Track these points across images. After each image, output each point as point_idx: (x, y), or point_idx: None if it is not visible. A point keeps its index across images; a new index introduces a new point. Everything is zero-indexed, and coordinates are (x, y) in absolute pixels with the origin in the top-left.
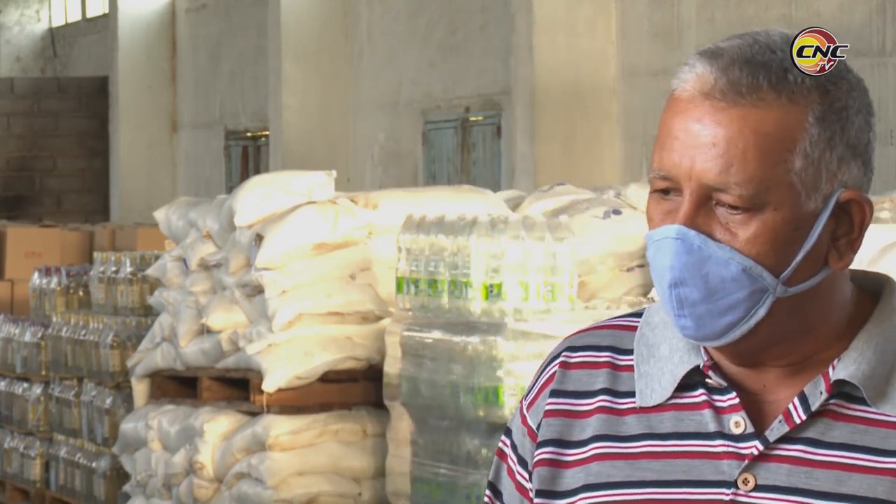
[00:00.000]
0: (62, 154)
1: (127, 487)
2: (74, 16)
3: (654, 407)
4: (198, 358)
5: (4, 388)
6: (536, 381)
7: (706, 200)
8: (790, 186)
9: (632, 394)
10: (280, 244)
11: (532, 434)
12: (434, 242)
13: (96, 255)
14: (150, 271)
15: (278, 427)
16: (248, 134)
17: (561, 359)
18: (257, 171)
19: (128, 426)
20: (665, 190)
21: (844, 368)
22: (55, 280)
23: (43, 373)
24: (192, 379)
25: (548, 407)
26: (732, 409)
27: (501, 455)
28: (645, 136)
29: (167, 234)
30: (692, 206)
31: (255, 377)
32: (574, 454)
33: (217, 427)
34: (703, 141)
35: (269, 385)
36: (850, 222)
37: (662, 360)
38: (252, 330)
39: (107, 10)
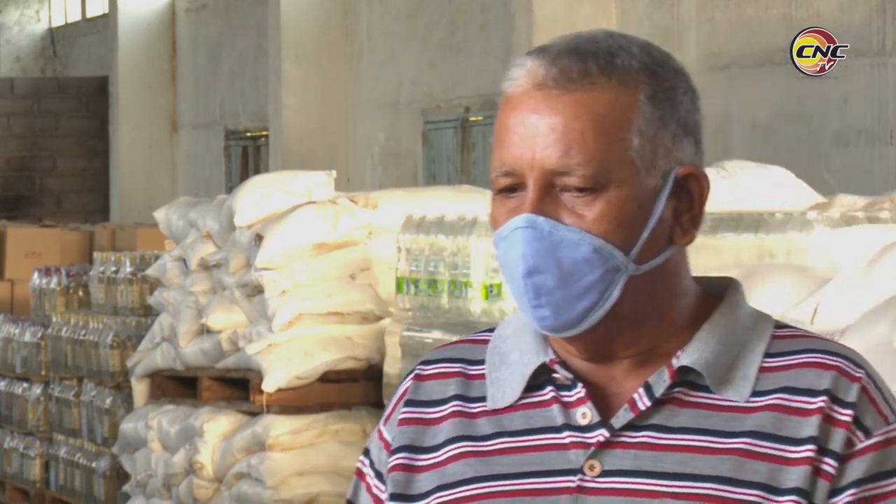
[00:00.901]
0: (62, 154)
1: (127, 487)
2: (74, 16)
3: (504, 408)
4: (198, 358)
5: (4, 388)
6: (393, 397)
7: (550, 188)
8: (630, 164)
9: (483, 399)
10: (280, 244)
11: (387, 446)
12: (434, 242)
13: (96, 255)
14: (149, 271)
15: (278, 427)
16: (248, 134)
17: (415, 373)
18: (257, 171)
19: (128, 426)
20: (509, 188)
21: (688, 357)
22: (55, 280)
23: (43, 373)
24: (191, 379)
25: (401, 416)
26: (579, 401)
27: (360, 474)
28: None
29: (167, 234)
30: (538, 194)
31: (255, 377)
32: (427, 459)
33: (217, 427)
34: (542, 129)
35: (269, 385)
36: (691, 198)
37: (513, 365)
38: (252, 330)
39: (107, 10)
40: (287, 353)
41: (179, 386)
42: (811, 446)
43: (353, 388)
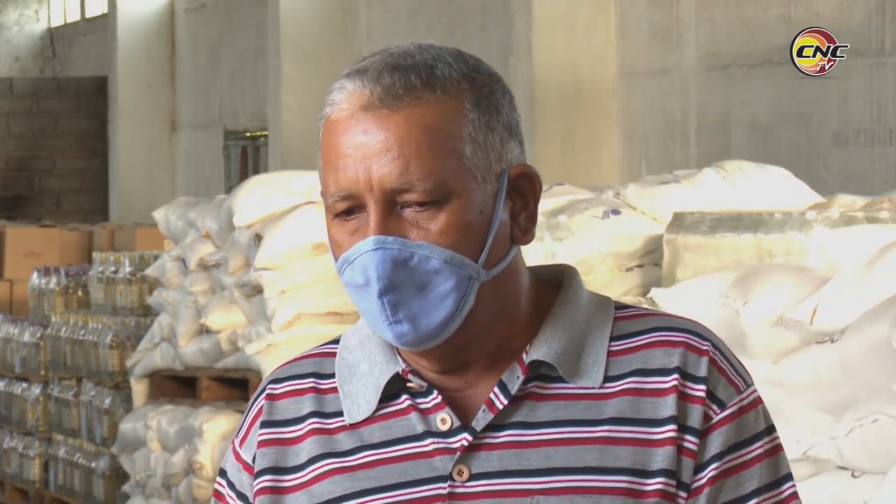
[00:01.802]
0: (61, 154)
1: (126, 487)
2: (73, 16)
3: (362, 421)
4: (197, 358)
5: (3, 388)
6: (245, 418)
7: (392, 206)
8: (466, 172)
9: (339, 413)
10: (279, 244)
11: (248, 468)
12: None
13: (95, 255)
14: (149, 271)
15: None
16: (248, 134)
17: (266, 392)
18: (256, 171)
19: (127, 426)
20: (347, 211)
21: (537, 350)
22: (54, 280)
23: (42, 373)
24: (191, 379)
25: (260, 438)
26: (437, 407)
27: (219, 496)
28: (644, 136)
29: (166, 234)
30: (381, 214)
31: (255, 377)
32: (293, 479)
33: (216, 427)
34: (376, 149)
35: None
36: (524, 198)
37: (364, 376)
38: (251, 330)
39: (106, 10)
40: (286, 353)
41: (179, 386)
42: (672, 426)
43: None
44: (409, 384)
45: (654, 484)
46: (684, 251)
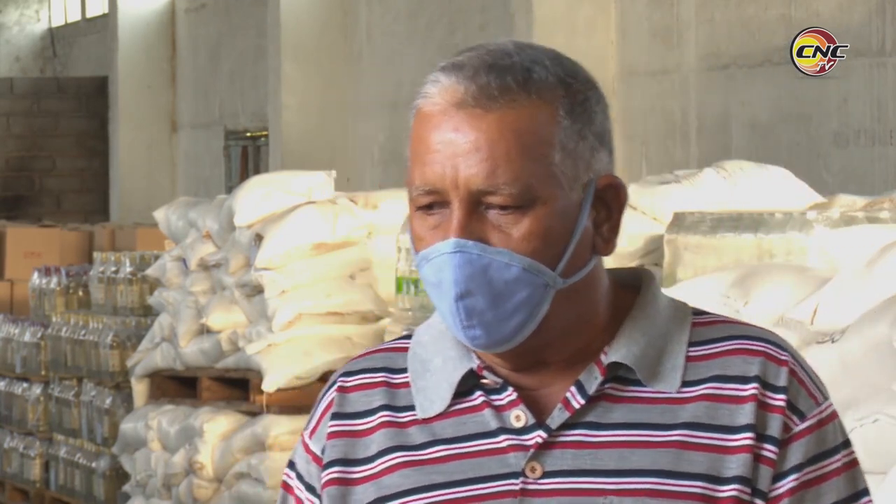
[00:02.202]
0: (62, 154)
1: (127, 487)
2: (74, 16)
3: (435, 417)
4: (197, 358)
5: (4, 388)
6: (315, 410)
7: (476, 207)
8: (554, 179)
9: (411, 408)
10: (280, 244)
11: (317, 459)
12: None
13: (96, 255)
14: (149, 271)
15: (278, 427)
16: (248, 134)
17: (337, 384)
18: (257, 172)
19: (127, 426)
20: (429, 205)
21: (616, 352)
22: (55, 280)
23: (43, 373)
24: (191, 379)
25: (330, 430)
26: (511, 404)
27: (287, 487)
28: (644, 135)
29: (167, 234)
30: (464, 215)
31: (255, 377)
32: (362, 471)
33: (217, 427)
34: (465, 148)
35: (269, 385)
36: (609, 208)
37: (437, 372)
38: (252, 330)
39: (106, 10)
40: (287, 353)
41: (179, 386)
42: (749, 434)
43: None
44: (483, 381)
45: (728, 490)
46: (685, 251)
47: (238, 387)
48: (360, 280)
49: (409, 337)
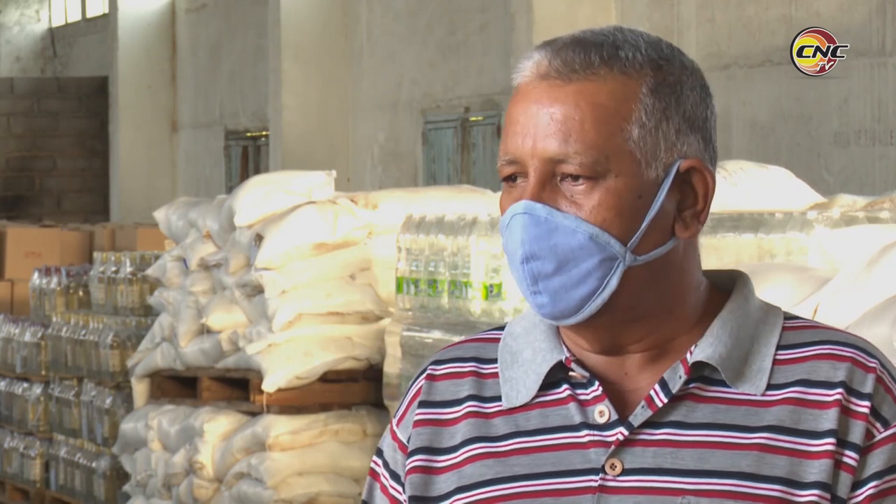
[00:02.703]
0: (62, 154)
1: (127, 487)
2: (74, 16)
3: (520, 407)
4: (198, 358)
5: (4, 388)
6: (405, 398)
7: (551, 177)
8: (630, 155)
9: (498, 398)
10: (280, 244)
11: (402, 447)
12: (434, 242)
13: (96, 255)
14: (149, 271)
15: (278, 427)
16: (248, 134)
17: (427, 372)
18: (257, 171)
19: (128, 426)
20: (513, 177)
21: (702, 351)
22: (55, 280)
23: (43, 373)
24: (192, 379)
25: (417, 418)
26: (596, 399)
27: (374, 475)
28: None
29: (167, 234)
30: (537, 182)
31: (255, 377)
32: (445, 460)
33: (217, 427)
34: (543, 119)
35: (269, 385)
36: (695, 194)
37: (526, 363)
38: (252, 330)
39: (107, 10)
40: (287, 353)
41: (179, 386)
42: (831, 439)
43: (353, 389)
44: (571, 373)
45: (808, 496)
46: None
47: (238, 387)
48: (360, 280)
49: (502, 328)
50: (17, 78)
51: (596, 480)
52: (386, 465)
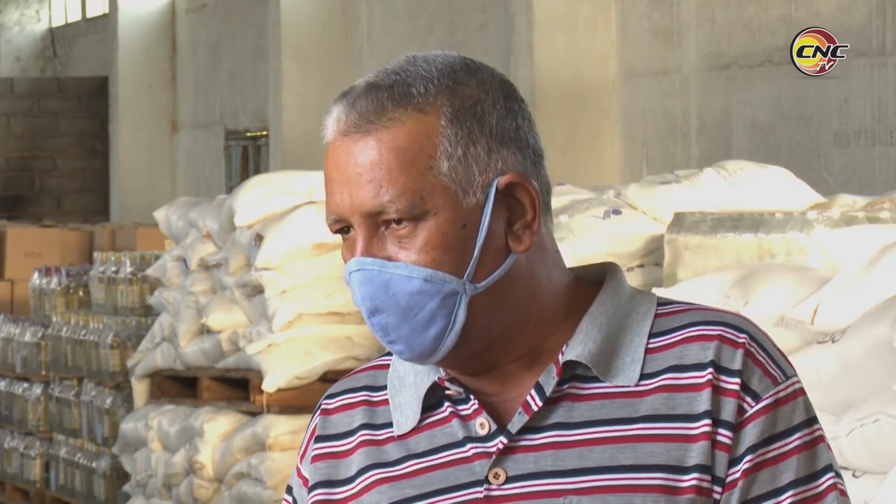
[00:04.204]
0: (62, 154)
1: (127, 487)
2: (74, 16)
3: (409, 432)
4: (198, 358)
5: (4, 388)
6: (305, 435)
7: (376, 227)
8: (444, 189)
9: (389, 424)
10: (280, 244)
11: (306, 483)
12: None
13: (96, 255)
14: (150, 271)
15: (278, 427)
16: (248, 134)
17: (322, 407)
18: (257, 171)
19: (128, 426)
20: (345, 230)
21: (572, 350)
22: (55, 280)
23: (43, 373)
24: (192, 379)
25: (314, 453)
26: (475, 413)
27: None
28: (645, 135)
29: (167, 234)
30: (365, 237)
31: (255, 377)
32: (344, 492)
33: (217, 427)
34: (352, 173)
35: (269, 385)
36: (522, 206)
37: (410, 387)
38: (252, 330)
39: (107, 10)
40: (287, 353)
41: (179, 386)
42: (707, 420)
43: None
44: (447, 391)
45: (690, 480)
46: (685, 251)
47: (238, 387)
48: None
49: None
50: (17, 78)
51: (481, 492)
52: (295, 502)
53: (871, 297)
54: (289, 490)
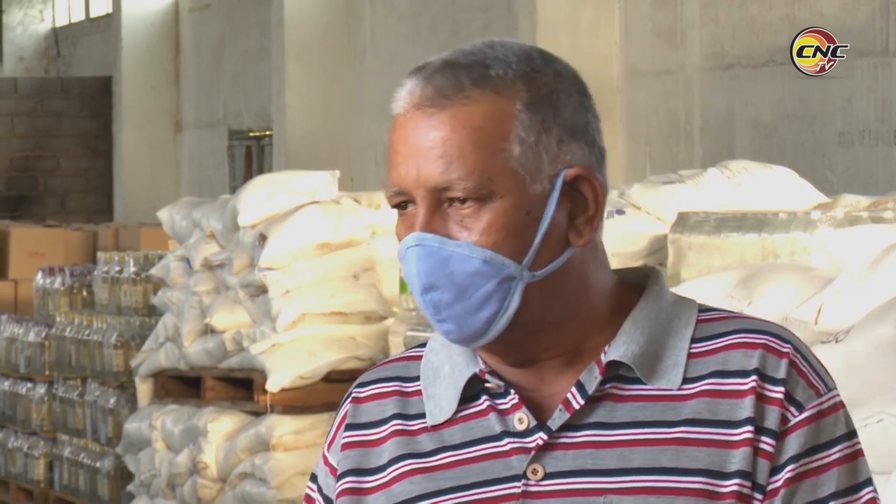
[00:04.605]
0: (65, 154)
1: (131, 487)
2: (78, 16)
3: (443, 423)
4: (201, 358)
5: (8, 388)
6: (333, 423)
7: (439, 204)
8: (513, 173)
9: (422, 415)
10: (283, 244)
11: (333, 471)
12: None
13: (100, 254)
14: (153, 271)
15: (282, 427)
16: (252, 134)
17: (352, 396)
18: (261, 171)
19: (131, 426)
20: (403, 205)
21: (615, 351)
22: (59, 280)
23: (47, 373)
24: (195, 379)
25: (344, 441)
26: (514, 407)
27: (309, 500)
28: (648, 135)
29: (171, 233)
30: (426, 212)
31: (259, 377)
32: (374, 480)
33: (220, 427)
34: (422, 147)
35: (273, 385)
36: (585, 200)
37: (446, 378)
38: (255, 330)
39: (110, 10)
40: (291, 353)
41: (183, 386)
42: (749, 427)
43: None
44: (487, 384)
45: (730, 486)
46: (689, 251)
47: (242, 387)
48: (363, 280)
49: (425, 345)
50: (20, 78)
51: (518, 487)
52: (320, 489)
53: (874, 296)
54: (313, 478)
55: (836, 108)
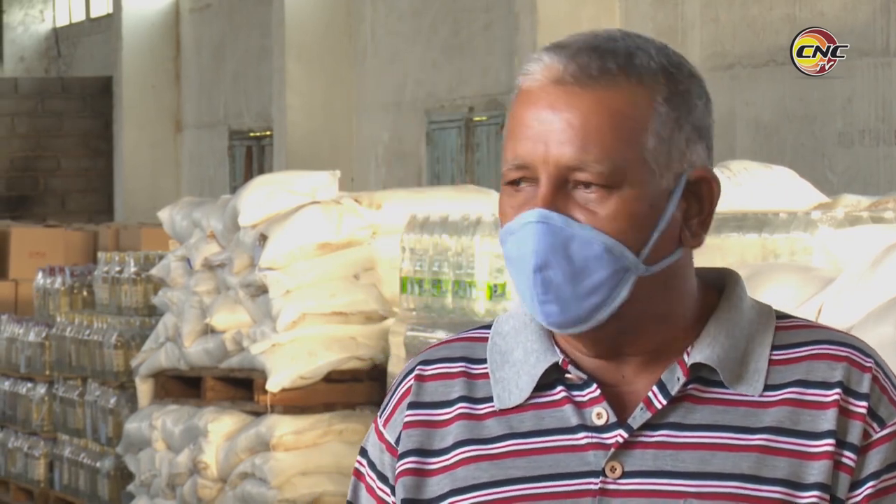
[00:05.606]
0: (66, 154)
1: (131, 487)
2: (78, 16)
3: (513, 408)
4: (202, 358)
5: (8, 388)
6: (391, 397)
7: (563, 184)
8: (644, 164)
9: (489, 399)
10: (284, 244)
11: (391, 448)
12: (438, 242)
13: (100, 254)
14: (153, 271)
15: (282, 427)
16: (252, 134)
17: (416, 372)
18: (261, 171)
19: (132, 426)
20: (517, 181)
21: (700, 353)
22: (59, 280)
23: (47, 373)
24: (195, 379)
25: (406, 419)
26: (593, 401)
27: (358, 475)
28: None
29: (171, 234)
30: (551, 190)
31: (259, 377)
32: (437, 462)
33: (221, 427)
34: (558, 125)
35: (273, 385)
36: (701, 202)
37: (517, 364)
38: (256, 330)
39: (111, 10)
40: (291, 353)
41: (183, 386)
42: (830, 440)
43: (357, 388)
44: (567, 375)
45: (809, 497)
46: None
47: (242, 387)
48: (364, 280)
49: (488, 327)
50: (21, 78)
51: (596, 483)
52: (372, 465)
53: (875, 296)
54: (363, 452)
55: (836, 108)
